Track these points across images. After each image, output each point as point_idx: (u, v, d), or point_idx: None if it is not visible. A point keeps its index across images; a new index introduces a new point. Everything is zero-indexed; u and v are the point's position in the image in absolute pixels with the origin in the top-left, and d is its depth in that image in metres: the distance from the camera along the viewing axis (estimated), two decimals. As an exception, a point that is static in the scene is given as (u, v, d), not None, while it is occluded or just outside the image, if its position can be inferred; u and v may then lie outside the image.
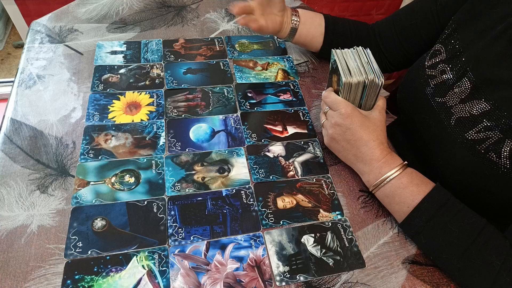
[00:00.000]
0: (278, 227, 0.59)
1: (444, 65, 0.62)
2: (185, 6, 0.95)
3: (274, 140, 0.70)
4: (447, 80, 0.61)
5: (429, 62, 0.65)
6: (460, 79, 0.59)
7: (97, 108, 0.70)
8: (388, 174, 0.57)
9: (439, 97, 0.62)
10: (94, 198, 0.58)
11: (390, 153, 0.59)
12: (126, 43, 0.83)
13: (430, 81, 0.64)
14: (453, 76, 0.60)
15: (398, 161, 0.58)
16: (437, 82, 0.63)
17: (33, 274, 0.50)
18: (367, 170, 0.60)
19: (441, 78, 0.62)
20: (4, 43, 1.91)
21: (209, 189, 0.62)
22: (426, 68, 0.65)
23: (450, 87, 0.60)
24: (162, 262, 0.53)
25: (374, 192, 0.60)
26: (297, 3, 1.01)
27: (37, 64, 0.76)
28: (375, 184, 0.58)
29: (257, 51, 0.86)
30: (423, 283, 0.55)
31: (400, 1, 1.93)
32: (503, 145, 0.52)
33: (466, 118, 0.57)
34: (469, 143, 0.56)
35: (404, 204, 0.56)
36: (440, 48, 0.64)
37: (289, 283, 0.53)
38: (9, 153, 0.62)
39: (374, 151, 0.58)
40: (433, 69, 0.64)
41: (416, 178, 0.57)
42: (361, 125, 0.59)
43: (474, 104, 0.57)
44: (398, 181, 0.57)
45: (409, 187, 0.56)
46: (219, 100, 0.75)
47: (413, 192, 0.55)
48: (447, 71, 0.61)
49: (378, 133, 0.59)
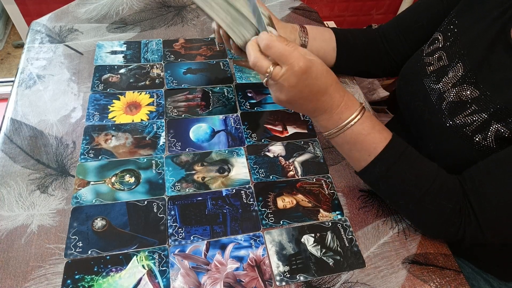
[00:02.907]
0: (278, 227, 0.59)
1: (441, 52, 0.63)
2: (185, 6, 0.95)
3: (274, 140, 0.70)
4: (443, 67, 0.62)
5: (427, 50, 0.66)
6: (455, 64, 0.60)
7: (97, 108, 0.70)
8: (349, 120, 0.53)
9: (434, 83, 0.63)
10: (94, 198, 0.58)
11: (346, 93, 0.55)
12: (126, 43, 0.83)
13: (427, 68, 0.65)
14: (449, 62, 0.61)
15: (356, 104, 0.55)
16: (434, 69, 0.64)
17: (33, 274, 0.50)
18: (327, 117, 0.55)
19: (437, 64, 0.63)
20: (4, 43, 1.91)
21: (209, 189, 0.62)
22: (424, 55, 0.66)
23: (445, 73, 0.61)
24: (162, 262, 0.53)
25: (330, 138, 0.57)
26: (297, 3, 1.01)
27: (37, 64, 0.76)
28: (335, 131, 0.55)
29: (257, 51, 0.86)
30: (423, 283, 0.55)
31: (400, 1, 1.93)
32: (489, 127, 0.53)
33: (456, 102, 0.58)
34: (457, 126, 0.57)
35: (366, 151, 0.54)
36: (439, 36, 0.65)
37: (289, 283, 0.53)
38: (9, 153, 0.62)
39: (333, 96, 0.53)
40: (430, 56, 0.65)
41: (376, 123, 0.55)
42: (317, 75, 0.51)
43: (464, 89, 0.58)
44: (360, 126, 0.54)
45: (371, 133, 0.54)
46: (219, 100, 0.75)
47: (375, 139, 0.54)
48: (444, 58, 0.62)
49: (330, 74, 0.53)
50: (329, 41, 0.75)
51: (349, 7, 1.91)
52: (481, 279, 0.69)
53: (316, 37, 0.73)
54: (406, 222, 0.62)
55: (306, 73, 0.50)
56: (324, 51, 0.75)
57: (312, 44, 0.73)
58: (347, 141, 0.55)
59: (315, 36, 0.73)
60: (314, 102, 0.54)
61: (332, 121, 0.54)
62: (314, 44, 0.73)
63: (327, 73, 0.53)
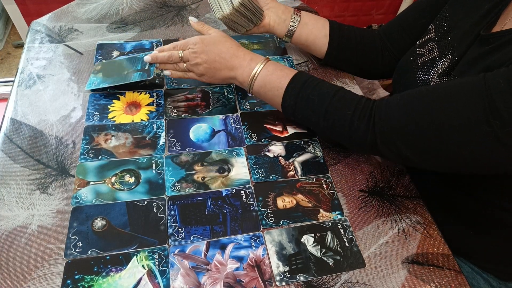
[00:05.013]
0: (278, 227, 0.59)
1: (432, 44, 0.65)
2: (185, 6, 0.95)
3: (274, 140, 0.70)
4: (433, 58, 0.63)
5: (420, 41, 0.68)
6: (444, 57, 0.61)
7: (97, 108, 0.70)
8: (257, 67, 0.65)
9: (424, 74, 0.64)
10: (94, 198, 0.58)
11: (250, 52, 0.68)
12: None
13: (418, 59, 0.66)
14: (440, 54, 0.62)
15: (261, 57, 0.66)
16: (424, 60, 0.65)
17: (33, 274, 0.50)
18: (241, 72, 0.66)
19: (428, 56, 0.64)
20: (4, 42, 1.91)
21: (209, 189, 0.62)
22: (417, 47, 0.67)
23: (435, 65, 0.62)
24: (162, 262, 0.53)
25: (251, 90, 0.66)
26: (297, 3, 1.01)
27: (37, 64, 0.76)
28: (250, 79, 0.65)
29: (257, 51, 0.86)
30: (423, 283, 0.55)
31: (400, 1, 1.93)
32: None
33: None
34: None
35: (275, 88, 0.63)
36: (431, 28, 0.66)
37: (289, 283, 0.53)
38: (9, 153, 0.62)
39: (239, 55, 0.66)
40: (422, 48, 0.66)
41: (279, 66, 0.65)
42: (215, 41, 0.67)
43: (444, 79, 0.59)
44: (265, 70, 0.64)
45: (275, 72, 0.64)
46: (219, 100, 0.75)
47: (279, 76, 0.63)
48: (435, 50, 0.64)
49: (229, 39, 0.68)
50: (321, 28, 0.77)
51: (349, 7, 1.91)
52: (481, 279, 0.69)
53: (308, 23, 0.76)
54: (406, 222, 0.62)
55: (205, 41, 0.67)
56: (314, 36, 0.77)
57: (303, 27, 0.76)
58: (260, 86, 0.65)
59: (307, 21, 0.76)
60: (225, 64, 0.66)
61: (246, 74, 0.66)
62: (304, 28, 0.76)
63: (225, 38, 0.68)
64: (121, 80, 0.72)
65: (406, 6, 1.88)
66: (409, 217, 0.63)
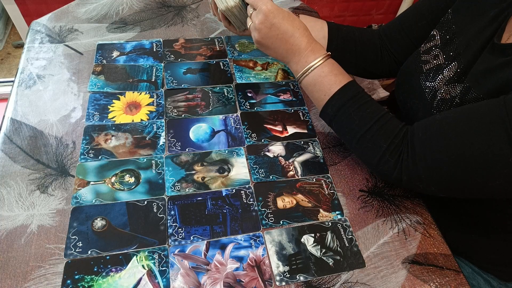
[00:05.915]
0: (278, 227, 0.59)
1: (437, 50, 0.64)
2: (185, 6, 0.95)
3: (274, 140, 0.70)
4: (438, 65, 0.63)
5: (424, 47, 0.67)
6: (450, 63, 0.61)
7: (97, 108, 0.70)
8: (313, 63, 0.61)
9: (430, 81, 0.63)
10: (94, 198, 0.58)
11: (315, 41, 0.63)
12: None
13: (423, 66, 0.66)
14: (445, 60, 0.62)
15: (322, 51, 0.62)
16: (430, 67, 0.64)
17: (33, 274, 0.50)
18: (296, 60, 0.63)
19: (433, 63, 0.64)
20: (4, 43, 1.91)
21: (209, 189, 0.62)
22: (421, 53, 0.67)
23: (441, 72, 0.62)
24: (162, 262, 0.53)
25: (300, 82, 0.64)
26: (297, 3, 1.01)
27: (37, 64, 0.76)
28: (302, 72, 0.62)
29: (257, 51, 0.86)
30: (423, 283, 0.55)
31: (400, 1, 1.93)
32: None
33: (447, 99, 0.59)
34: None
35: (322, 92, 0.61)
36: (435, 33, 0.66)
37: (289, 283, 0.53)
38: (9, 153, 0.62)
39: (301, 40, 0.62)
40: (427, 54, 0.66)
41: (336, 68, 0.62)
42: (283, 17, 0.61)
43: (454, 87, 0.59)
44: (320, 70, 0.61)
45: (328, 76, 0.61)
46: (219, 100, 0.75)
47: (330, 81, 0.60)
48: (440, 56, 0.63)
49: (297, 21, 0.63)
50: (319, 30, 0.76)
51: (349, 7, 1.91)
52: (481, 279, 0.69)
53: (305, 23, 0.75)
54: (406, 222, 0.62)
55: (273, 13, 0.61)
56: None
57: None
58: (309, 83, 0.62)
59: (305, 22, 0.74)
60: (284, 43, 0.62)
61: (301, 64, 0.63)
62: None
63: (294, 19, 0.63)
64: (127, 88, 0.74)
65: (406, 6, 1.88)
66: (409, 217, 0.63)
